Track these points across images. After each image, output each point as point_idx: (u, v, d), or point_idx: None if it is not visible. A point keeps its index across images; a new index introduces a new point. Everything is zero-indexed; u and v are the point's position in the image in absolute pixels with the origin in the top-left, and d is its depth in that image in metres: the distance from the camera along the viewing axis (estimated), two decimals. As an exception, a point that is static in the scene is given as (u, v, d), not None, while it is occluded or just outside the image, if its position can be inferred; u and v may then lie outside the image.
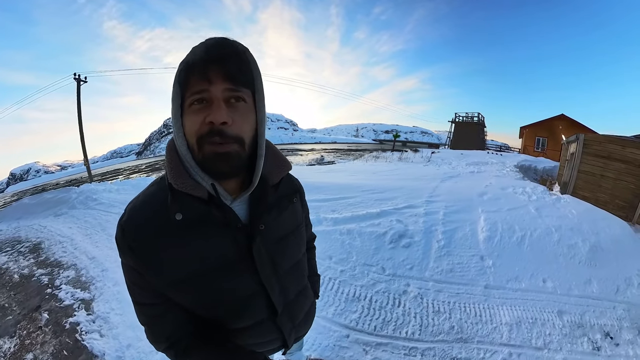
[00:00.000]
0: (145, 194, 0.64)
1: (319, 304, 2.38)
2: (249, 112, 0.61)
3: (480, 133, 22.73)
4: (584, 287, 2.90)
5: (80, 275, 3.27)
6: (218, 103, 0.56)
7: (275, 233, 0.70)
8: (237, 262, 0.64)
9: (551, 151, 18.42)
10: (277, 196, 0.72)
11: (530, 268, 3.11)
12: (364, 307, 2.44)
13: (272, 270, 0.69)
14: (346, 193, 5.16)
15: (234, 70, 0.57)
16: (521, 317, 2.42)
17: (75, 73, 13.75)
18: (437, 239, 3.44)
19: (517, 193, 5.40)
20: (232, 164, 0.58)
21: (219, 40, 0.58)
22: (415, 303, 2.52)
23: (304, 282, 0.84)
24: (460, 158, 12.76)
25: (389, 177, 7.77)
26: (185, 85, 0.57)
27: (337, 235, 3.45)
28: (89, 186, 7.88)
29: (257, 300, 0.69)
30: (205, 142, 0.56)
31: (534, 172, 11.68)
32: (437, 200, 4.73)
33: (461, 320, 2.35)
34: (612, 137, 6.48)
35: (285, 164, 0.75)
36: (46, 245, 4.44)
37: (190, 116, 0.57)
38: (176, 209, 0.58)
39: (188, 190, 0.58)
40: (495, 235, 3.59)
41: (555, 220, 4.12)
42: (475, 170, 9.55)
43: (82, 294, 2.90)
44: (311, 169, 11.62)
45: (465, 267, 3.02)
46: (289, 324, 0.77)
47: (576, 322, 2.42)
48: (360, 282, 2.74)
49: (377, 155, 15.90)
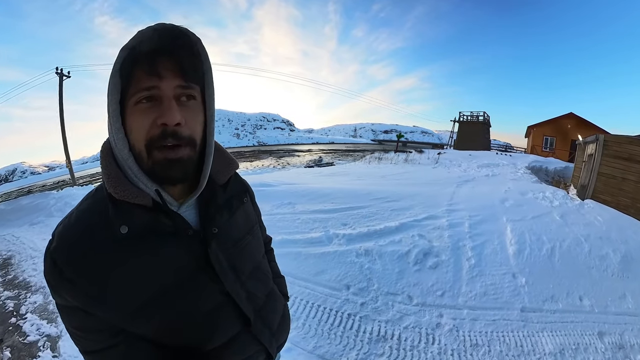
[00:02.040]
0: (78, 211, 0.56)
1: (338, 347, 2.23)
2: (199, 110, 0.58)
3: (486, 133, 22.81)
4: (619, 303, 2.84)
5: (49, 301, 3.11)
6: (169, 102, 0.52)
7: (230, 236, 0.66)
8: (196, 272, 0.59)
9: (560, 151, 18.48)
10: (227, 197, 0.69)
11: (565, 284, 3.03)
12: (392, 348, 2.24)
13: (234, 277, 0.65)
14: (356, 202, 5.00)
15: (187, 65, 0.53)
16: (564, 344, 2.33)
17: (57, 67, 13.16)
18: (467, 257, 3.30)
19: (537, 198, 5.36)
20: (185, 170, 0.55)
21: (171, 29, 0.53)
22: (451, 337, 2.36)
23: (269, 285, 0.80)
24: (469, 159, 12.76)
25: (400, 182, 7.67)
26: (129, 78, 0.51)
27: (353, 257, 3.26)
28: (70, 190, 7.72)
29: (225, 312, 0.63)
30: (156, 147, 0.52)
31: (545, 173, 11.72)
32: (459, 209, 4.61)
33: (502, 354, 2.22)
34: (633, 138, 6.47)
35: (231, 162, 0.72)
36: (16, 261, 4.27)
37: (136, 116, 0.52)
38: (120, 221, 0.52)
39: (130, 199, 0.53)
40: (524, 248, 3.51)
41: (582, 228, 4.06)
42: (490, 173, 9.53)
43: (49, 327, 2.73)
44: (310, 171, 11.52)
45: (499, 289, 2.90)
46: (266, 331, 0.72)
47: (617, 344, 2.37)
48: (385, 317, 2.55)
49: (379, 156, 15.87)
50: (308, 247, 3.55)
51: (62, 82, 13.33)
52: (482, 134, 22.21)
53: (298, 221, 4.33)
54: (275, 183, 6.59)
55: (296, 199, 5.26)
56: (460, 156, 13.98)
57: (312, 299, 2.74)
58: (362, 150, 26.85)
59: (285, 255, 3.34)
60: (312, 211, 4.69)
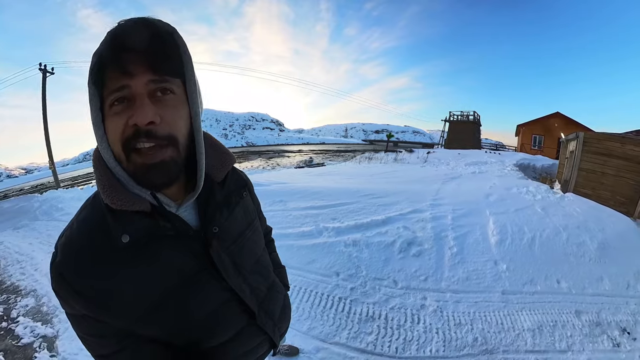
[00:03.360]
0: (78, 222, 0.57)
1: (331, 328, 2.40)
2: (180, 105, 0.56)
3: (476, 132, 23.47)
4: (596, 285, 3.10)
5: (41, 304, 3.05)
6: (141, 100, 0.51)
7: (230, 233, 0.68)
8: (200, 273, 0.61)
9: (548, 149, 19.42)
10: (225, 193, 0.70)
11: (544, 269, 3.27)
12: (379, 327, 2.45)
13: (236, 273, 0.67)
14: (345, 198, 5.22)
15: (157, 57, 0.52)
16: (542, 321, 2.55)
17: (40, 63, 12.83)
18: (449, 246, 3.54)
19: (521, 193, 5.66)
20: (169, 173, 0.54)
21: (136, 21, 0.51)
22: (436, 317, 2.56)
23: (271, 277, 0.83)
24: (457, 158, 13.16)
25: (388, 180, 7.93)
26: (102, 84, 0.51)
27: (342, 247, 3.48)
28: (54, 193, 7.49)
29: (231, 307, 0.67)
30: (132, 149, 0.51)
31: (533, 171, 12.22)
32: (443, 204, 4.86)
33: (484, 331, 2.43)
34: (611, 134, 6.94)
35: (228, 157, 0.72)
36: (2, 265, 4.17)
37: (110, 120, 0.52)
38: (121, 230, 0.53)
39: (128, 206, 0.54)
40: (506, 238, 3.75)
41: (562, 219, 4.35)
42: (477, 170, 9.91)
43: (44, 329, 2.70)
44: (301, 171, 11.67)
45: (481, 274, 3.12)
46: (269, 322, 0.76)
47: (594, 321, 2.61)
48: (373, 299, 2.76)
49: (369, 156, 16.15)
50: (299, 239, 3.73)
51: (45, 79, 12.96)
52: (472, 133, 22.83)
53: (290, 217, 4.51)
54: (266, 183, 6.73)
55: (287, 197, 5.41)
56: (450, 155, 14.38)
57: (304, 285, 2.92)
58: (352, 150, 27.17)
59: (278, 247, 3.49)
60: (303, 208, 4.86)
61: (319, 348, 2.20)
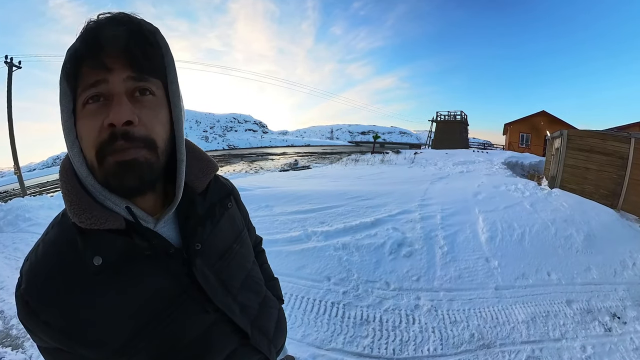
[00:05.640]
0: (44, 243, 0.52)
1: (326, 334, 2.42)
2: (160, 107, 0.53)
3: (464, 132, 24.22)
4: (585, 275, 3.30)
5: (10, 326, 2.88)
6: (120, 98, 0.48)
7: (215, 249, 0.64)
8: (183, 295, 0.56)
9: (535, 146, 20.38)
10: (208, 205, 0.65)
11: (534, 263, 3.43)
12: (375, 329, 2.48)
13: (224, 292, 0.63)
14: (332, 201, 5.28)
15: (138, 54, 0.49)
16: (535, 313, 2.70)
17: (6, 56, 12.01)
18: (440, 245, 3.65)
19: (510, 190, 5.89)
20: (142, 174, 0.49)
21: (117, 16, 0.50)
22: (431, 317, 2.63)
23: (262, 292, 0.78)
24: (445, 158, 13.54)
25: (375, 182, 8.05)
26: (76, 80, 0.48)
27: (331, 251, 3.52)
28: (20, 201, 7.10)
29: (220, 329, 0.62)
30: (107, 152, 0.47)
31: (521, 168, 12.71)
32: (431, 204, 5.00)
33: (480, 327, 2.52)
34: (593, 131, 7.37)
35: (210, 165, 0.68)
36: None
37: (83, 121, 0.48)
38: (92, 252, 0.48)
39: (99, 225, 0.49)
40: (496, 235, 3.89)
41: (549, 214, 4.56)
42: (464, 169, 10.20)
43: (14, 354, 2.54)
44: (285, 175, 11.64)
45: (473, 272, 3.23)
46: (264, 340, 0.72)
47: (585, 309, 2.78)
48: (366, 302, 2.80)
49: (356, 158, 16.36)
50: (288, 245, 3.74)
51: (11, 74, 12.15)
52: (460, 133, 23.53)
53: (277, 222, 4.52)
54: (250, 187, 6.69)
55: (273, 202, 5.41)
56: (437, 155, 14.78)
57: (295, 292, 2.93)
58: (339, 152, 27.37)
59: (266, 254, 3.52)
60: (290, 212, 4.88)
61: (316, 355, 2.21)
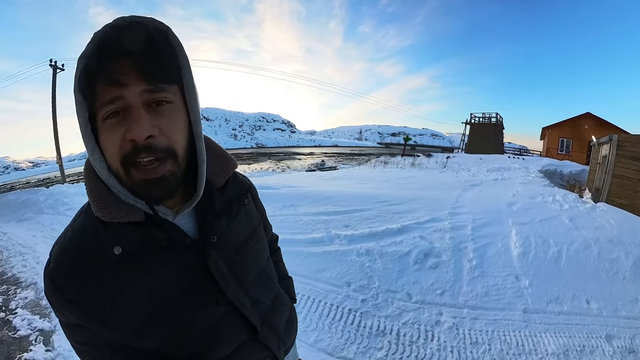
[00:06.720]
0: (72, 229, 0.57)
1: (339, 341, 2.36)
2: (178, 113, 0.54)
3: (499, 135, 22.84)
4: (631, 307, 2.89)
5: (41, 297, 3.10)
6: (137, 112, 0.48)
7: (231, 243, 0.65)
8: (196, 285, 0.58)
9: (577, 153, 18.56)
10: (226, 200, 0.67)
11: (571, 287, 3.09)
12: (390, 342, 2.37)
13: (237, 285, 0.64)
14: (358, 204, 5.16)
15: (150, 64, 0.49)
16: (568, 345, 2.40)
17: (51, 59, 13.33)
18: (469, 258, 3.42)
19: (547, 202, 5.42)
20: (169, 188, 0.53)
21: (126, 22, 0.48)
22: (451, 335, 2.47)
23: (275, 289, 0.79)
24: (479, 163, 12.82)
25: (405, 186, 7.80)
26: (91, 95, 0.49)
27: (354, 256, 3.43)
28: (60, 187, 7.75)
29: (230, 321, 0.64)
30: (131, 163, 0.50)
31: (560, 177, 11.71)
32: (463, 213, 4.73)
33: (502, 352, 2.32)
34: (650, 137, 6.51)
35: (229, 162, 0.70)
36: (4, 257, 4.34)
37: (105, 134, 0.50)
38: (113, 242, 0.52)
39: (120, 218, 0.52)
40: (529, 251, 3.58)
41: (592, 231, 4.11)
42: (499, 177, 9.60)
43: (41, 322, 2.73)
44: (312, 175, 11.69)
45: (501, 289, 2.99)
46: (273, 337, 0.72)
47: (627, 347, 2.42)
48: (385, 313, 2.69)
49: (385, 160, 15.98)
50: (309, 246, 3.71)
51: (55, 75, 13.56)
52: (495, 137, 22.22)
53: (300, 222, 4.51)
54: (276, 186, 6.77)
55: (298, 202, 5.42)
56: (470, 160, 14.04)
57: (313, 295, 2.90)
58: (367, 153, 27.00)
59: (286, 253, 3.49)
60: (314, 213, 4.85)
61: (326, 362, 2.16)
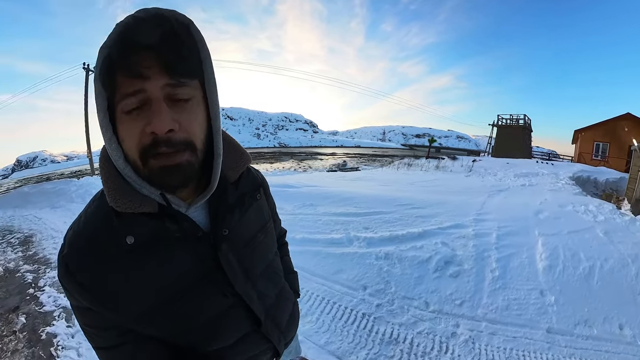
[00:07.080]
0: (87, 216, 0.58)
1: (350, 345, 2.33)
2: (198, 108, 0.53)
3: (527, 138, 21.75)
4: None
5: None
6: (158, 105, 0.48)
7: (241, 236, 0.66)
8: (206, 276, 0.60)
9: (614, 159, 16.93)
10: (239, 194, 0.68)
11: (603, 309, 2.86)
12: (402, 351, 2.30)
13: (245, 278, 0.66)
14: (380, 207, 5.09)
15: (172, 57, 0.48)
16: None
17: (84, 63, 14.72)
18: (491, 268, 3.27)
19: (578, 212, 5.09)
20: (185, 176, 0.52)
21: (149, 15, 0.48)
22: (466, 349, 2.36)
23: (280, 283, 0.80)
24: (506, 168, 12.27)
25: (428, 189, 7.61)
26: (111, 85, 0.49)
27: (372, 259, 3.39)
28: (89, 179, 8.50)
29: (235, 313, 0.65)
30: (150, 155, 0.50)
31: (594, 186, 10.96)
32: (488, 219, 4.54)
33: (520, 374, 2.19)
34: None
35: (243, 156, 0.70)
36: (37, 239, 4.72)
37: (125, 125, 0.50)
38: (125, 232, 0.53)
39: (133, 209, 0.53)
40: (556, 265, 3.38)
41: (630, 247, 3.80)
42: (526, 182, 9.17)
43: (65, 300, 2.85)
44: (333, 175, 11.68)
45: (523, 304, 2.84)
46: (275, 330, 0.74)
47: None
48: (399, 320, 2.63)
49: (409, 162, 15.63)
50: (328, 247, 3.71)
51: (88, 77, 14.83)
52: (523, 140, 21.19)
53: (319, 222, 4.51)
54: (297, 185, 6.83)
55: (318, 201, 5.43)
56: (497, 164, 13.45)
57: (327, 296, 2.89)
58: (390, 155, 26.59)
59: (304, 252, 3.57)
60: (334, 213, 4.84)
61: (334, 365, 2.15)
